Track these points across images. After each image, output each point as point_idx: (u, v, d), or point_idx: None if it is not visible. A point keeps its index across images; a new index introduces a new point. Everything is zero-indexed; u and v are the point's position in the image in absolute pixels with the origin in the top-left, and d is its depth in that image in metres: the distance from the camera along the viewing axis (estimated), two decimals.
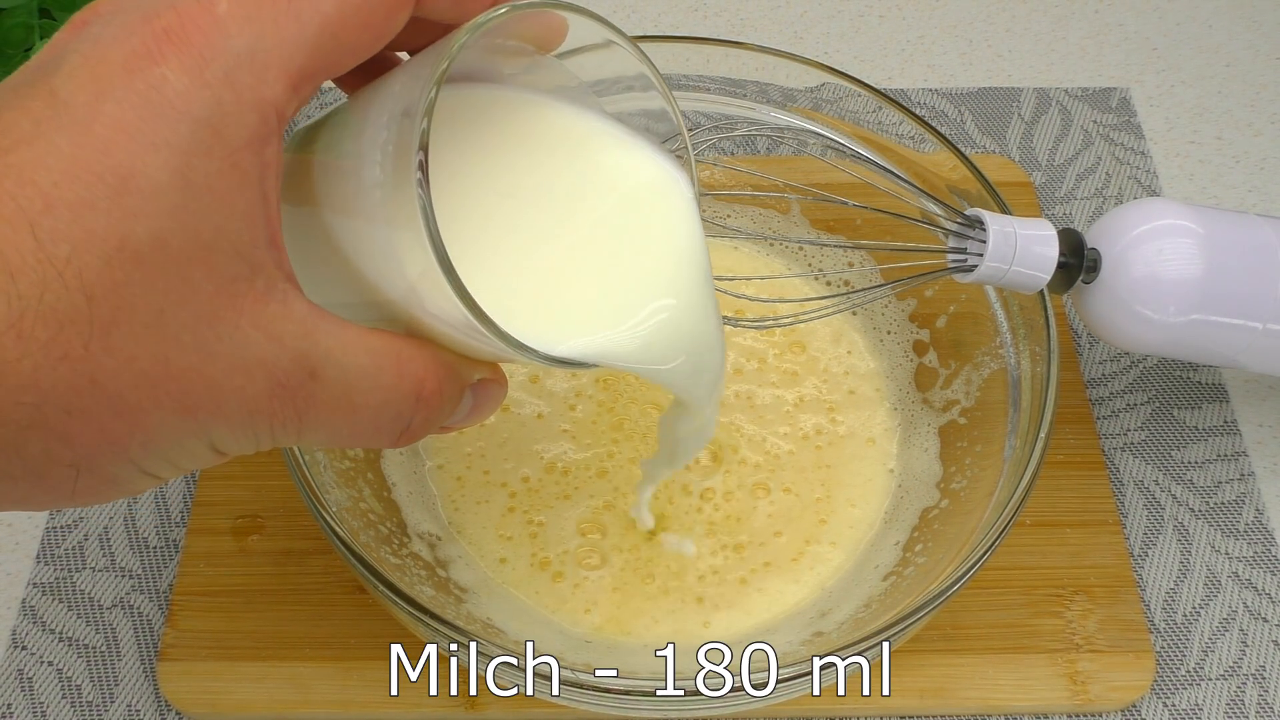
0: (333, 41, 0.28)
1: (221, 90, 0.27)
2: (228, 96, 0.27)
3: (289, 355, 0.28)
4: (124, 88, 0.26)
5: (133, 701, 0.49)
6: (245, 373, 0.28)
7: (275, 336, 0.28)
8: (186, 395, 0.27)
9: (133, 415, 0.27)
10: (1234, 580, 0.52)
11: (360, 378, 0.30)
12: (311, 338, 0.29)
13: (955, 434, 0.52)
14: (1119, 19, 0.74)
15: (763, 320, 0.50)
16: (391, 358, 0.30)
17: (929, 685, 0.48)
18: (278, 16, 0.27)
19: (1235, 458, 0.56)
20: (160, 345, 0.27)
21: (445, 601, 0.46)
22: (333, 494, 0.45)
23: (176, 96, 0.26)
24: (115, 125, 0.26)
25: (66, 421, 0.26)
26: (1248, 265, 0.46)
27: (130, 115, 0.26)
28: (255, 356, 0.28)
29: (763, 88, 0.55)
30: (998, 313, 0.51)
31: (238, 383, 0.28)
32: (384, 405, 0.31)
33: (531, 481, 0.51)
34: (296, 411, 0.29)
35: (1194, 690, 0.50)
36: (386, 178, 0.29)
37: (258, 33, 0.27)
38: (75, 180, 0.26)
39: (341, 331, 0.29)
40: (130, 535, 0.53)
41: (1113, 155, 0.67)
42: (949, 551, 0.45)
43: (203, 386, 0.27)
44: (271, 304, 0.28)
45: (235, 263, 0.27)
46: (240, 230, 0.27)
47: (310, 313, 0.29)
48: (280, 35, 0.27)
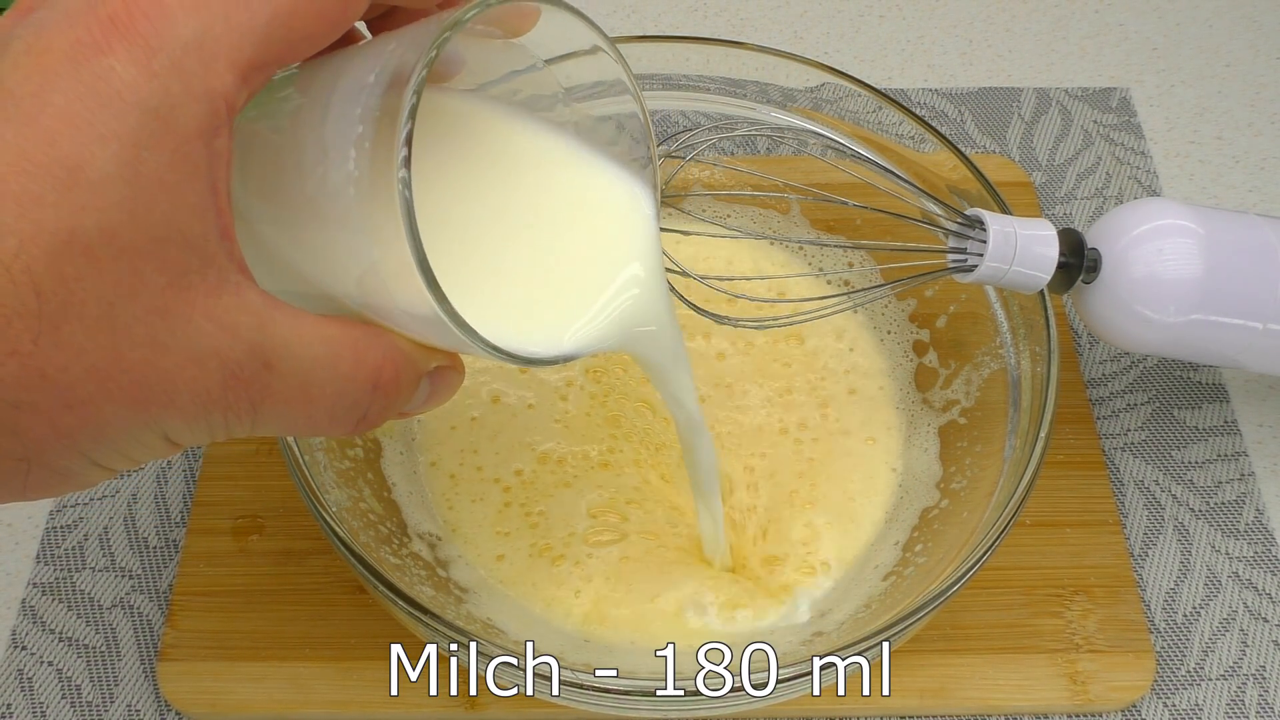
0: (284, 31, 0.28)
1: (169, 80, 0.26)
2: (175, 87, 0.26)
3: (243, 346, 0.28)
4: (70, 78, 0.26)
5: (133, 701, 0.49)
6: (198, 364, 0.28)
7: (228, 328, 0.28)
8: (138, 388, 0.27)
9: (83, 408, 0.27)
10: (1234, 580, 0.52)
11: (316, 368, 0.29)
12: (266, 329, 0.28)
13: (955, 434, 0.52)
14: (1119, 19, 0.74)
15: (761, 320, 0.50)
16: (349, 347, 0.30)
17: (929, 685, 0.48)
18: (227, 5, 0.27)
19: (1235, 458, 0.56)
20: (111, 338, 0.26)
21: (445, 601, 0.46)
22: (333, 494, 0.45)
23: (124, 87, 0.26)
24: (62, 116, 0.26)
25: (15, 415, 0.26)
26: (1248, 265, 0.46)
27: (77, 106, 0.26)
28: (208, 348, 0.28)
29: (763, 88, 0.55)
30: (998, 313, 0.51)
31: (190, 374, 0.28)
32: (340, 395, 0.30)
33: (525, 474, 0.51)
34: (251, 403, 0.29)
35: (1194, 690, 0.50)
36: (363, 175, 0.29)
37: (206, 21, 0.27)
38: (21, 173, 0.25)
39: (297, 322, 0.29)
40: (130, 535, 0.53)
41: (1113, 155, 0.67)
42: (949, 551, 0.45)
43: (155, 379, 0.27)
44: (224, 296, 0.28)
45: (186, 255, 0.27)
46: (190, 222, 0.27)
47: (264, 303, 0.29)
48: (229, 24, 0.27)
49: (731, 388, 0.54)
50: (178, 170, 0.27)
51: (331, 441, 0.48)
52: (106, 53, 0.26)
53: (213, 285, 0.28)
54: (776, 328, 0.52)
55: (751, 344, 0.55)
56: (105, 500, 0.54)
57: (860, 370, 0.55)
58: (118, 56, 0.26)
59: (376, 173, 0.28)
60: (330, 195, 0.30)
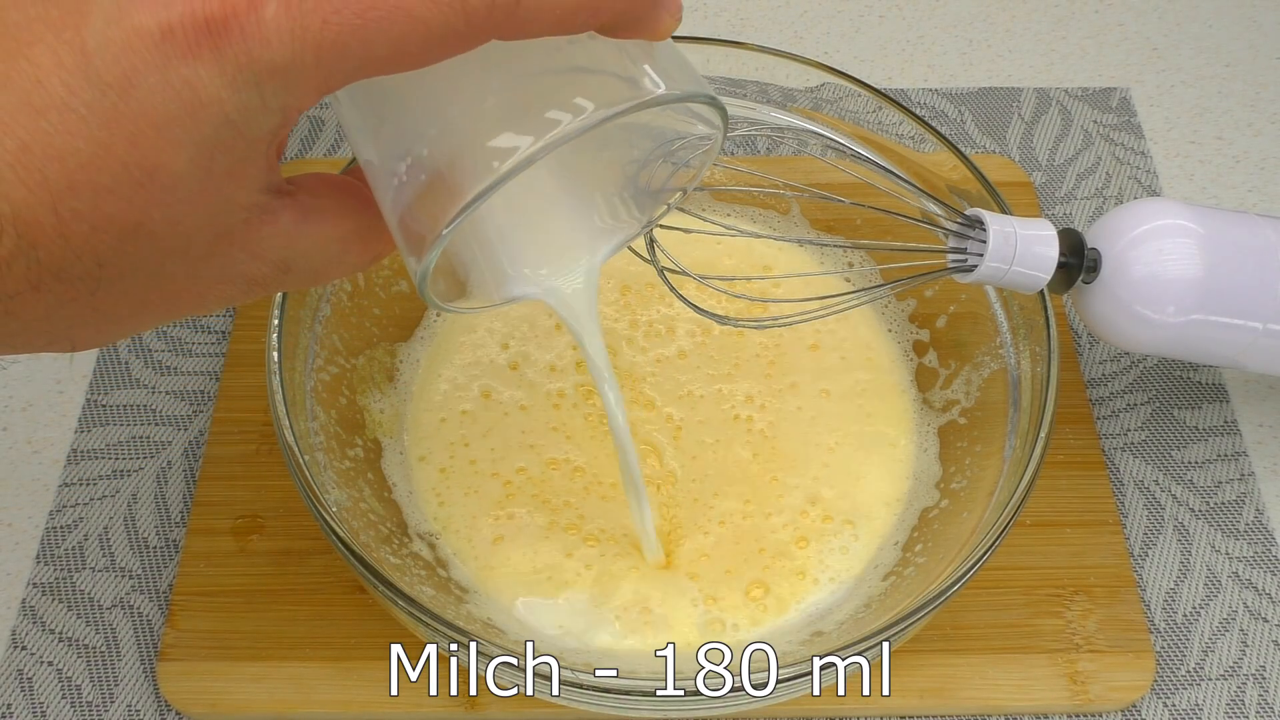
0: (374, 72, 0.28)
1: (250, 96, 0.27)
2: (255, 103, 0.27)
3: (269, 265, 0.31)
4: (157, 76, 0.26)
5: (133, 702, 0.49)
6: (228, 283, 0.31)
7: (259, 254, 0.31)
8: (174, 306, 0.31)
9: (126, 323, 0.31)
10: (1234, 580, 0.52)
11: (328, 262, 0.33)
12: (292, 245, 0.31)
13: (955, 434, 0.52)
14: (1119, 19, 0.74)
15: (761, 320, 0.50)
16: (359, 241, 0.33)
17: (929, 685, 0.48)
18: (323, 43, 0.27)
19: (1235, 458, 0.56)
20: (158, 283, 0.30)
21: (445, 601, 0.46)
22: (333, 494, 0.45)
23: (208, 98, 0.27)
24: (145, 118, 0.26)
25: (69, 331, 0.30)
26: (1248, 265, 0.46)
27: (160, 110, 0.26)
28: (239, 272, 0.31)
29: (763, 87, 0.55)
30: (998, 313, 0.51)
31: (219, 290, 0.31)
32: (344, 271, 0.34)
33: (530, 471, 0.51)
34: (266, 292, 0.32)
35: (1194, 690, 0.50)
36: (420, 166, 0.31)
37: (299, 50, 0.27)
38: (101, 169, 0.27)
39: (320, 230, 0.32)
40: (130, 535, 0.53)
41: (1113, 155, 0.67)
42: (949, 551, 0.45)
43: (189, 299, 0.31)
44: (262, 228, 0.30)
45: (236, 213, 0.29)
46: (246, 193, 0.29)
47: (293, 221, 0.31)
48: (320, 60, 0.27)
49: (725, 387, 0.54)
50: (243, 162, 0.28)
51: (331, 441, 0.48)
52: (195, 59, 0.26)
53: (254, 225, 0.30)
54: (776, 328, 0.52)
55: (749, 343, 0.55)
56: (105, 500, 0.54)
57: (860, 369, 0.55)
58: (205, 65, 0.26)
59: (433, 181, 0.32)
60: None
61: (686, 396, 0.53)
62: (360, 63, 0.27)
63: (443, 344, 0.55)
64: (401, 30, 0.27)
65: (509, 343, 0.55)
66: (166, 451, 0.56)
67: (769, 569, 0.49)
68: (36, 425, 0.57)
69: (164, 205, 0.27)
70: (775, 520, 0.50)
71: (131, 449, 0.56)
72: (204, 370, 0.58)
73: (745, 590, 0.49)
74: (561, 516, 0.50)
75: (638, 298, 0.57)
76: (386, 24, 0.27)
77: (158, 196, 0.27)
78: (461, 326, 0.56)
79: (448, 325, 0.56)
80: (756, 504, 0.51)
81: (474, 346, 0.55)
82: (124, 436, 0.56)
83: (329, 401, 0.49)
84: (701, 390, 0.54)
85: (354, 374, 0.52)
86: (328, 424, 0.48)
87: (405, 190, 0.31)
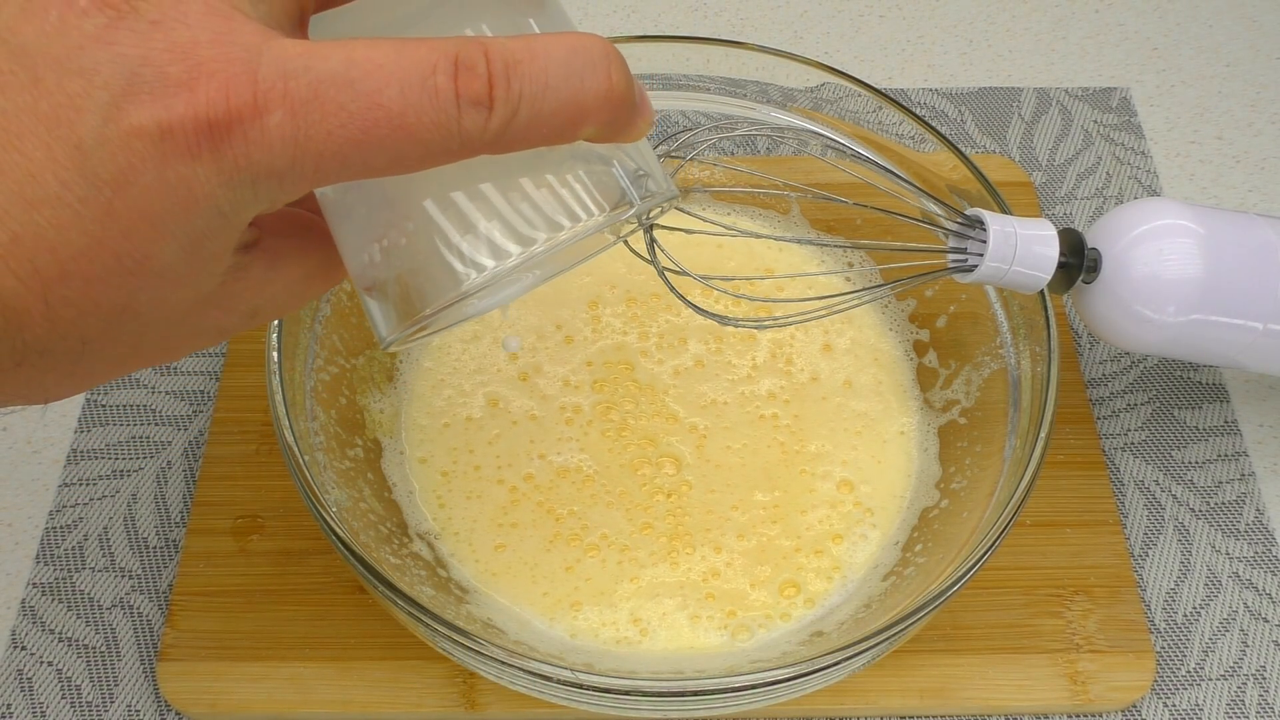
0: (367, 176, 0.28)
1: (245, 193, 0.27)
2: (249, 197, 0.27)
3: (239, 316, 0.32)
4: (155, 174, 0.26)
5: (132, 702, 0.49)
6: (201, 337, 0.32)
7: (232, 308, 0.31)
8: (146, 360, 0.31)
9: (99, 379, 0.31)
10: (1234, 580, 0.52)
11: (292, 301, 0.33)
12: (261, 293, 0.32)
13: (955, 434, 0.52)
14: (1119, 19, 0.74)
15: (761, 320, 0.50)
16: (323, 278, 0.34)
17: (929, 685, 0.48)
18: (324, 154, 0.27)
19: (1236, 458, 0.56)
20: (135, 347, 0.30)
21: (445, 601, 0.46)
22: (333, 494, 0.45)
23: (203, 194, 0.27)
24: (139, 213, 0.26)
25: (44, 391, 0.30)
26: (1248, 265, 0.46)
27: (156, 206, 0.26)
28: (211, 325, 0.31)
29: (763, 88, 0.55)
30: (998, 313, 0.51)
31: (191, 343, 0.32)
32: (304, 304, 0.36)
33: (539, 479, 0.51)
34: (233, 334, 0.33)
35: (1194, 690, 0.50)
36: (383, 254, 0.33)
37: (299, 158, 0.27)
38: (93, 260, 0.27)
39: (287, 274, 0.32)
40: (130, 535, 0.53)
41: (1113, 155, 0.67)
42: (949, 552, 0.45)
43: (161, 353, 0.31)
44: (235, 285, 0.31)
45: (215, 282, 0.30)
46: (225, 263, 0.30)
47: (263, 272, 0.31)
48: (320, 167, 0.27)
49: (748, 389, 0.54)
50: (227, 244, 0.29)
51: (331, 441, 0.48)
52: (194, 159, 0.26)
53: (228, 285, 0.30)
54: (776, 327, 0.52)
55: (763, 345, 0.55)
56: (105, 500, 0.54)
57: (860, 369, 0.55)
58: (204, 166, 0.26)
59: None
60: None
61: (711, 405, 0.53)
62: (358, 171, 0.28)
63: (446, 348, 0.55)
64: (401, 147, 0.27)
65: (518, 353, 0.55)
66: (166, 451, 0.56)
67: (801, 568, 0.49)
68: (36, 425, 0.57)
69: (151, 289, 0.28)
70: (811, 516, 0.50)
71: (131, 449, 0.56)
72: (204, 370, 0.58)
73: (779, 589, 0.48)
74: (566, 525, 0.50)
75: (644, 308, 0.56)
76: (389, 141, 0.27)
77: (147, 282, 0.28)
78: (465, 334, 0.56)
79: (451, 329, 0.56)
80: (788, 503, 0.51)
81: (479, 355, 0.55)
82: (124, 436, 0.56)
83: (329, 401, 0.49)
84: (725, 396, 0.54)
85: (354, 374, 0.52)
86: (327, 424, 0.48)
87: (376, 270, 0.32)
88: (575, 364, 0.54)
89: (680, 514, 0.50)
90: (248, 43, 0.26)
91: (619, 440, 0.52)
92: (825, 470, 0.51)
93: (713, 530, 0.50)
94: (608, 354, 0.55)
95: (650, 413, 0.53)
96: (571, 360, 0.55)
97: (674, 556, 0.49)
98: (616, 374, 0.54)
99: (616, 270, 0.57)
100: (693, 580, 0.49)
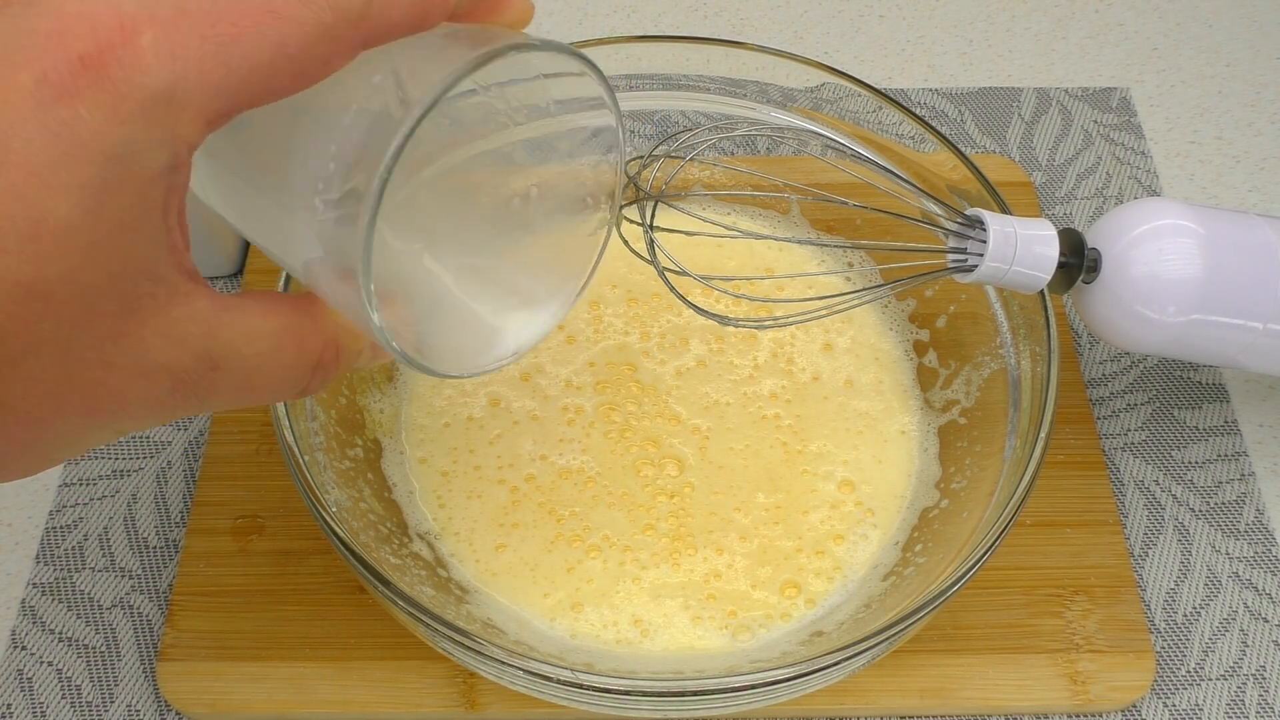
0: (260, 87, 0.27)
1: (135, 127, 0.26)
2: (140, 134, 0.26)
3: (191, 355, 0.29)
4: (35, 122, 0.25)
5: (132, 701, 0.49)
6: (148, 377, 0.29)
7: (178, 339, 0.29)
8: (92, 403, 0.28)
9: (40, 425, 0.28)
10: (1234, 580, 0.52)
11: (261, 361, 0.31)
12: (214, 335, 0.29)
13: (955, 434, 0.52)
14: (1119, 19, 0.74)
15: (761, 320, 0.50)
16: (292, 337, 0.31)
17: (929, 685, 0.48)
18: (204, 59, 0.26)
19: (1236, 458, 0.56)
20: (65, 366, 0.27)
21: (445, 601, 0.46)
22: (332, 494, 0.45)
23: (90, 135, 0.26)
24: (28, 168, 0.25)
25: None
26: (1248, 265, 0.46)
27: (42, 157, 0.25)
28: (158, 362, 0.29)
29: (763, 88, 0.55)
30: (998, 313, 0.51)
31: (140, 386, 0.29)
32: (283, 380, 0.32)
33: (540, 480, 0.51)
34: (199, 399, 0.30)
35: (1194, 690, 0.50)
36: (330, 205, 0.30)
37: (180, 73, 0.26)
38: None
39: (244, 321, 0.30)
40: (130, 535, 0.53)
41: (1113, 155, 0.67)
42: (949, 551, 0.45)
43: (106, 395, 0.28)
44: (174, 309, 0.29)
45: (139, 282, 0.28)
46: (146, 252, 0.28)
47: (212, 309, 0.29)
48: (204, 78, 0.26)
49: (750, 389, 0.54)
50: (137, 209, 0.27)
51: (331, 441, 0.48)
52: (74, 98, 0.26)
53: (163, 302, 0.28)
54: (776, 328, 0.52)
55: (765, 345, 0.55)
56: (105, 501, 0.54)
57: (861, 369, 0.55)
58: (85, 103, 0.26)
59: (345, 213, 0.29)
60: (300, 200, 0.30)
61: (714, 406, 0.53)
62: (243, 77, 0.27)
63: None
64: (278, 33, 0.27)
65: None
66: (166, 452, 0.56)
67: (802, 569, 0.49)
68: None
69: (57, 259, 0.26)
70: (813, 517, 0.50)
71: (131, 449, 0.56)
72: None
73: (780, 590, 0.48)
74: (568, 526, 0.50)
75: (645, 308, 0.56)
76: (265, 28, 0.27)
77: (48, 249, 0.26)
78: None
79: None
80: (789, 504, 0.51)
81: None
82: (124, 437, 0.56)
83: (329, 401, 0.49)
84: (728, 397, 0.53)
85: (353, 374, 0.52)
86: (327, 424, 0.48)
87: (329, 211, 0.30)
88: (577, 364, 0.54)
89: (683, 515, 0.50)
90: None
91: (621, 441, 0.52)
92: (827, 470, 0.51)
93: (715, 531, 0.50)
94: (610, 354, 0.55)
95: (653, 414, 0.53)
96: (574, 361, 0.55)
97: (676, 558, 0.49)
98: (619, 375, 0.54)
99: (617, 270, 0.57)
100: (694, 581, 0.49)
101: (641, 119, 0.59)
